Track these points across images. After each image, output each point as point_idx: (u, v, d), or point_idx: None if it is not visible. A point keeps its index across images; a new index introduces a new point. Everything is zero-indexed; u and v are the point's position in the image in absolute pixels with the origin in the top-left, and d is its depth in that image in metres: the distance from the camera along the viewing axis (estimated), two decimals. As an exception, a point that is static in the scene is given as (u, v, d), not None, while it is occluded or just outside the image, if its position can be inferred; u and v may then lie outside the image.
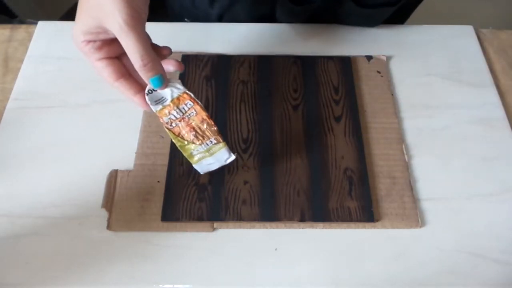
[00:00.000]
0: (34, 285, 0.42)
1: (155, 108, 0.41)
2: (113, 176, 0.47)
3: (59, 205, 0.46)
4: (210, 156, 0.43)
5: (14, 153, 0.49)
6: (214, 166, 0.44)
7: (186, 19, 0.67)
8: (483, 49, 0.59)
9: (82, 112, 0.52)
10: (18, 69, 0.55)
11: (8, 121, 0.51)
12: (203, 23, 0.60)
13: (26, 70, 0.55)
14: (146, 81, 0.40)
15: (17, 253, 0.43)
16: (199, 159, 0.43)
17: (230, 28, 0.60)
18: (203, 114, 0.41)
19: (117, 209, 0.45)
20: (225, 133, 0.50)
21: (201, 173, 0.45)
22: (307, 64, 0.56)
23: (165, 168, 0.47)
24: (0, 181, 0.47)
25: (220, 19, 0.63)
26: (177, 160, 0.48)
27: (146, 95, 0.41)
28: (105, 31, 0.38)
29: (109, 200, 0.46)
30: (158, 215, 0.45)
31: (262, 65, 0.55)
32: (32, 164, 0.48)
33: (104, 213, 0.45)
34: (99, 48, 0.40)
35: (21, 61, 0.56)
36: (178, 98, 0.41)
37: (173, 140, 0.42)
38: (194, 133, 0.42)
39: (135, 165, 0.48)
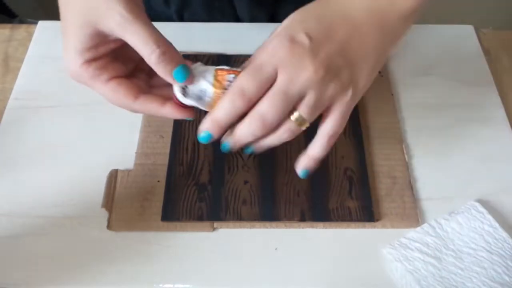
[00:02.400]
0: (34, 285, 0.42)
1: (206, 106, 0.35)
2: (113, 176, 0.47)
3: (59, 205, 0.46)
4: None
5: (14, 153, 0.49)
6: None
7: None
8: (483, 49, 0.59)
9: (82, 112, 0.52)
10: (18, 69, 0.55)
11: (8, 121, 0.51)
12: (203, 23, 0.60)
13: (26, 70, 0.55)
14: (168, 77, 0.34)
15: (17, 253, 0.43)
16: None
17: (230, 28, 0.60)
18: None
19: (117, 209, 0.45)
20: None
21: None
22: (307, 64, 0.55)
23: (165, 168, 0.47)
24: (0, 181, 0.47)
25: (181, 19, 0.64)
26: (177, 160, 0.48)
27: (180, 97, 0.35)
28: (104, 37, 0.33)
29: (109, 200, 0.46)
30: (158, 215, 0.45)
31: (262, 65, 0.55)
32: (32, 164, 0.48)
33: (104, 213, 0.45)
34: (104, 66, 0.34)
35: (21, 61, 0.56)
36: (217, 80, 0.35)
37: None
38: None
39: (135, 165, 0.48)
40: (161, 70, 0.33)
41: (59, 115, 0.52)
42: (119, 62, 0.35)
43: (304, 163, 0.39)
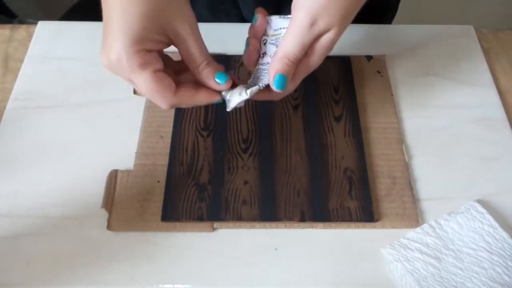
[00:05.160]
0: (34, 285, 0.42)
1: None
2: (113, 176, 0.47)
3: (59, 205, 0.46)
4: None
5: (14, 153, 0.49)
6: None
7: None
8: (483, 49, 0.59)
9: (82, 112, 0.52)
10: (18, 69, 0.55)
11: (8, 121, 0.51)
12: (203, 23, 0.60)
13: (26, 70, 0.55)
14: (211, 80, 0.38)
15: (17, 253, 0.43)
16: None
17: (230, 28, 0.60)
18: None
19: (117, 209, 0.45)
20: (225, 133, 0.50)
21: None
22: (307, 64, 0.56)
23: (165, 168, 0.47)
24: (0, 181, 0.47)
25: None
26: (177, 160, 0.48)
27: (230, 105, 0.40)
28: (164, 36, 0.36)
29: (109, 200, 0.46)
30: (158, 215, 0.45)
31: (262, 65, 0.55)
32: (32, 164, 0.48)
33: (104, 213, 0.45)
34: (156, 59, 0.36)
35: (21, 61, 0.56)
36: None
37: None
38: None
39: (135, 165, 0.48)
40: (205, 76, 0.38)
41: (59, 115, 0.52)
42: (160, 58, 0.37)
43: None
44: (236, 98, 0.40)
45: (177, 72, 0.40)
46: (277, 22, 0.41)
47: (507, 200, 0.47)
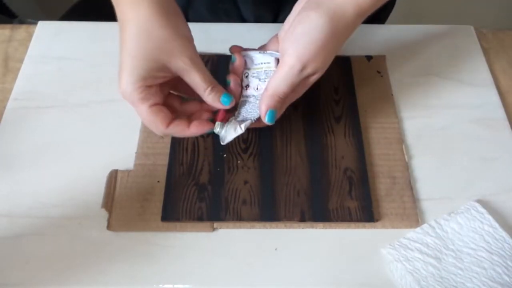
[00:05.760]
0: (34, 285, 0.42)
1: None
2: (113, 176, 0.47)
3: (59, 205, 0.46)
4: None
5: (14, 153, 0.49)
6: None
7: None
8: (483, 49, 0.59)
9: (82, 112, 0.52)
10: (18, 69, 0.55)
11: (8, 121, 0.51)
12: (203, 23, 0.60)
13: (26, 70, 0.55)
14: (217, 103, 0.41)
15: (17, 253, 0.43)
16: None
17: (230, 28, 0.60)
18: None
19: (117, 209, 0.45)
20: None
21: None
22: (307, 64, 0.56)
23: (165, 168, 0.47)
24: (0, 181, 0.47)
25: (186, 18, 0.64)
26: (177, 160, 0.48)
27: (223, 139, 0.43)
28: (165, 71, 0.39)
29: (109, 200, 0.46)
30: (158, 215, 0.45)
31: (262, 65, 0.55)
32: (32, 164, 0.48)
33: (104, 213, 0.45)
34: (153, 93, 0.40)
35: (21, 61, 0.56)
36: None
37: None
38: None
39: (135, 165, 0.48)
40: (210, 99, 0.41)
41: (59, 115, 0.52)
42: (163, 88, 0.41)
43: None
44: (232, 134, 0.42)
45: (190, 92, 0.43)
46: (257, 57, 0.45)
47: (507, 200, 0.47)
